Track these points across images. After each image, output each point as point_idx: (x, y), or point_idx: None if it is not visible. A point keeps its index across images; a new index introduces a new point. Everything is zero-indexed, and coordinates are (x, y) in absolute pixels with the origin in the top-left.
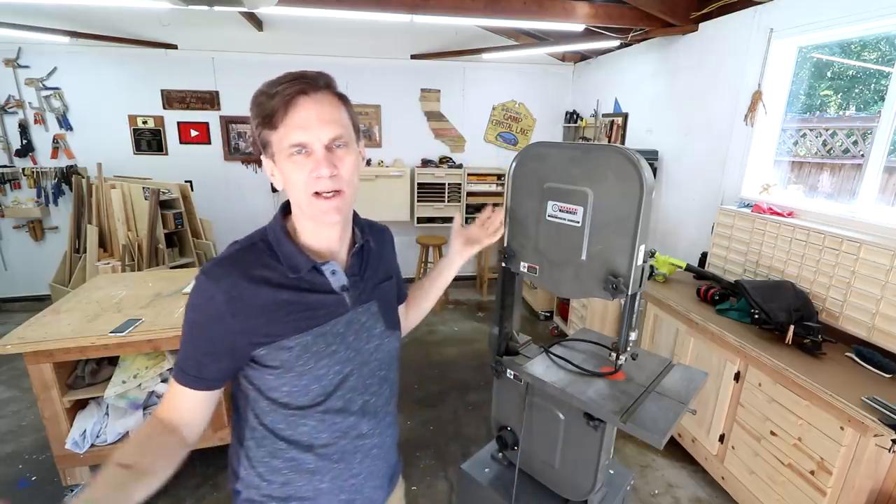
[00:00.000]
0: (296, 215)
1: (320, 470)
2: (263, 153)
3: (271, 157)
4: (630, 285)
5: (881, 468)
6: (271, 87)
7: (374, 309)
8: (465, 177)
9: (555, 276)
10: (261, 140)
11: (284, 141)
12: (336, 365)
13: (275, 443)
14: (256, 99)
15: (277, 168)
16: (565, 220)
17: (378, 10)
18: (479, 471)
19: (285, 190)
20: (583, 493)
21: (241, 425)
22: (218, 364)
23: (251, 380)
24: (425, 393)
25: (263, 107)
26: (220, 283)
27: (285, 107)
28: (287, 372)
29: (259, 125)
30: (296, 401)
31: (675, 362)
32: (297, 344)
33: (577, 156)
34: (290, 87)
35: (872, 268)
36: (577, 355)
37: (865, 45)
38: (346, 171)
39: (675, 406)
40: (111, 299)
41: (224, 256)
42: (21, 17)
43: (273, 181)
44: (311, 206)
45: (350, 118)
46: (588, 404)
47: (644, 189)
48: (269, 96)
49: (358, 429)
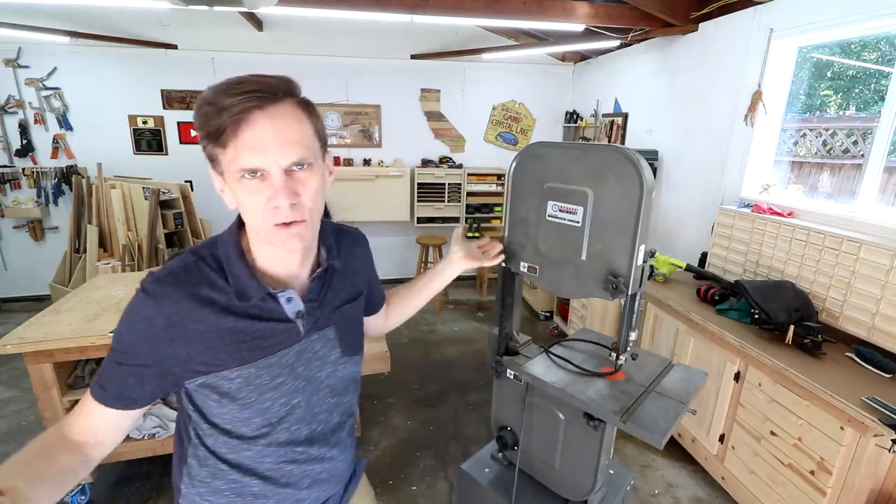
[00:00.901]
0: (251, 236)
1: (265, 494)
2: (211, 167)
3: (220, 174)
4: (630, 285)
5: (881, 468)
6: (219, 97)
7: (330, 335)
8: (465, 177)
9: (555, 276)
10: (207, 153)
11: (234, 164)
12: (282, 398)
13: (217, 464)
14: (201, 108)
15: (227, 187)
16: (565, 220)
17: (378, 10)
18: (479, 471)
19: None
20: (583, 493)
21: (184, 441)
22: (143, 386)
23: (192, 399)
24: (425, 393)
25: (209, 120)
26: (161, 304)
27: (235, 125)
28: (229, 402)
29: (204, 138)
30: (238, 430)
31: (675, 362)
32: (238, 376)
33: (577, 156)
34: (242, 103)
35: (872, 268)
36: (577, 355)
37: (865, 45)
38: (308, 197)
39: (675, 406)
40: (111, 299)
41: (168, 272)
42: (21, 17)
43: (223, 197)
44: (269, 235)
45: (315, 130)
46: (588, 404)
47: (644, 189)
48: (217, 109)
49: (306, 454)
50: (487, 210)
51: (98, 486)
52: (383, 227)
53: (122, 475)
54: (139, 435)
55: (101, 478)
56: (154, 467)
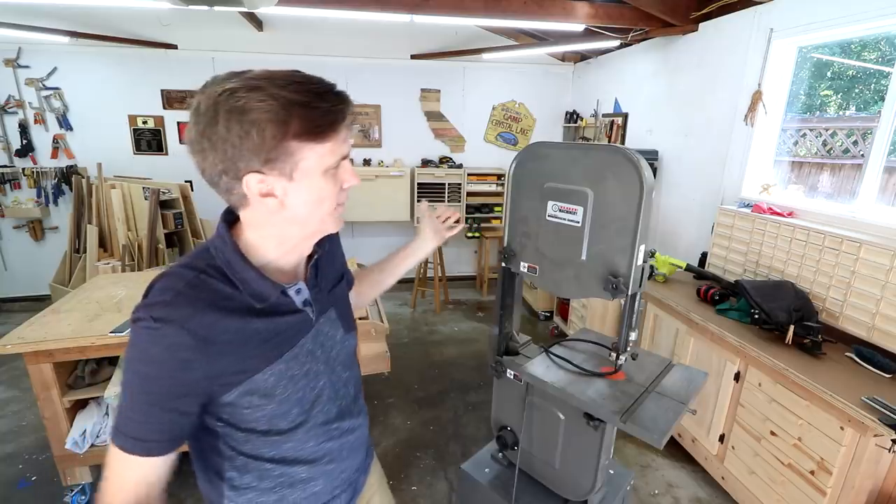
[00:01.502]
0: (264, 234)
1: (312, 476)
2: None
3: (285, 174)
4: (630, 285)
5: (881, 468)
6: (313, 98)
7: (332, 316)
8: (465, 177)
9: (555, 276)
10: (278, 153)
11: (335, 153)
12: (310, 382)
13: (261, 465)
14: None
15: (293, 184)
16: (565, 220)
17: (378, 10)
18: (479, 471)
19: (296, 212)
20: (583, 493)
21: (215, 461)
22: (189, 417)
23: (219, 417)
24: (425, 393)
25: (309, 119)
26: (183, 326)
27: (338, 121)
28: (268, 402)
29: (295, 136)
30: (276, 426)
31: (675, 362)
32: (271, 374)
33: (578, 156)
34: (338, 102)
35: (872, 268)
36: (577, 355)
37: (865, 45)
38: None
39: (674, 406)
40: (111, 299)
41: (173, 295)
42: (21, 17)
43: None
44: (330, 221)
45: None
46: (588, 404)
47: (644, 189)
48: (321, 111)
49: (339, 429)
50: (487, 210)
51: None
52: (383, 227)
53: None
54: None
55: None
56: None
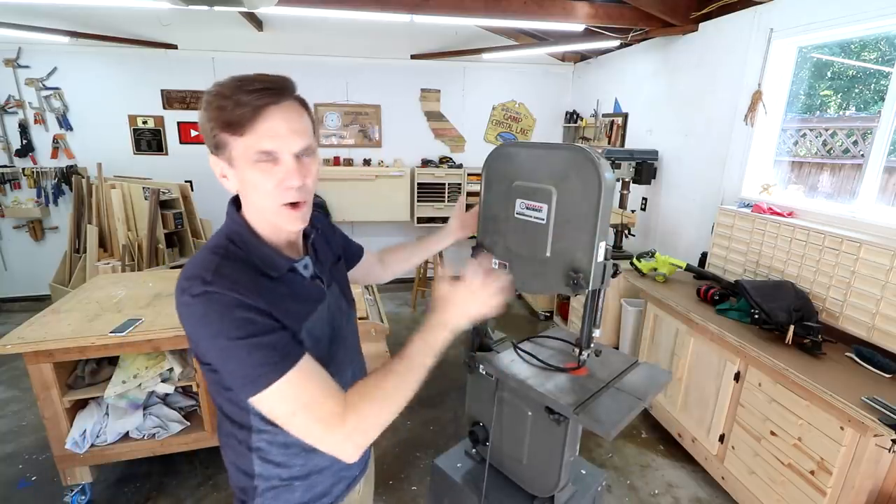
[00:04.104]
0: (254, 216)
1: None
2: (216, 153)
3: (226, 160)
4: (591, 281)
5: (881, 468)
6: (236, 93)
7: (336, 290)
8: (465, 177)
9: (523, 271)
10: (215, 141)
11: (252, 148)
12: (332, 345)
13: (288, 435)
14: (216, 101)
15: (234, 171)
16: (532, 217)
17: (378, 10)
18: (451, 466)
19: (240, 193)
20: (548, 490)
21: (243, 434)
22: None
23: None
24: (425, 393)
25: (226, 112)
26: (235, 283)
27: (254, 116)
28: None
29: (217, 127)
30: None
31: (641, 361)
32: (306, 333)
33: (543, 155)
34: (261, 98)
35: (872, 268)
36: (545, 351)
37: (865, 45)
38: (311, 182)
39: (630, 401)
40: (111, 299)
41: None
42: (21, 17)
43: (224, 182)
44: (278, 213)
45: (312, 123)
46: (545, 396)
47: (603, 187)
48: (235, 103)
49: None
50: None
51: (98, 486)
52: (383, 227)
53: (122, 475)
54: (139, 435)
55: (101, 478)
56: (154, 467)
